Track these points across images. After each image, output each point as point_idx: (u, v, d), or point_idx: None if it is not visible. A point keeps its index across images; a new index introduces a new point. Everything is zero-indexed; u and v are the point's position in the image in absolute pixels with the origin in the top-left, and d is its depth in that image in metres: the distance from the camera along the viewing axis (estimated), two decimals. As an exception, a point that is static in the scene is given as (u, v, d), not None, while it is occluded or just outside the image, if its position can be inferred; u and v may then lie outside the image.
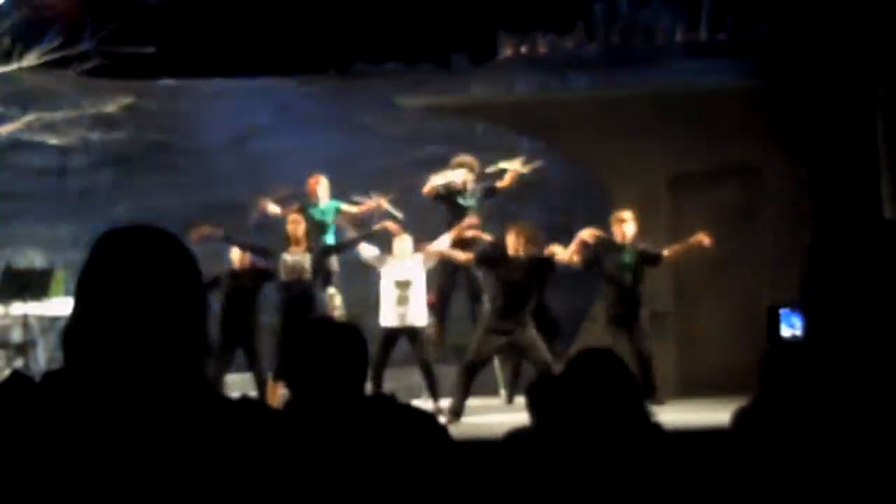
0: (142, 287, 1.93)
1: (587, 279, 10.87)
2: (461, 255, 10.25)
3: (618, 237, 10.36)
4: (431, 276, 10.65)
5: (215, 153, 13.65)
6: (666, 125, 12.36)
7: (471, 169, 11.21)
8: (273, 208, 11.16)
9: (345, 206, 11.23)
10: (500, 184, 11.08)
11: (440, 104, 13.30)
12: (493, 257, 9.86)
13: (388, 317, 10.27)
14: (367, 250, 10.47)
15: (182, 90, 13.84)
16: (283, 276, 10.26)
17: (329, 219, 11.19)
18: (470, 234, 10.51)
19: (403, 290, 10.25)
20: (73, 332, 1.94)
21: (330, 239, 11.15)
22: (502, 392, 11.26)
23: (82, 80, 12.50)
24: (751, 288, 12.32)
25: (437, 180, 11.07)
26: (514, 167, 11.09)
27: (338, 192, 11.32)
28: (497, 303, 9.70)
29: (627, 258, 10.33)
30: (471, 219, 10.66)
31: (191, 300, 1.97)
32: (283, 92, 13.97)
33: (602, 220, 10.81)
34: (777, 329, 8.42)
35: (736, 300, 12.35)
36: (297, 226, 10.38)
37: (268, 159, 13.24)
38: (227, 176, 13.28)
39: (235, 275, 10.67)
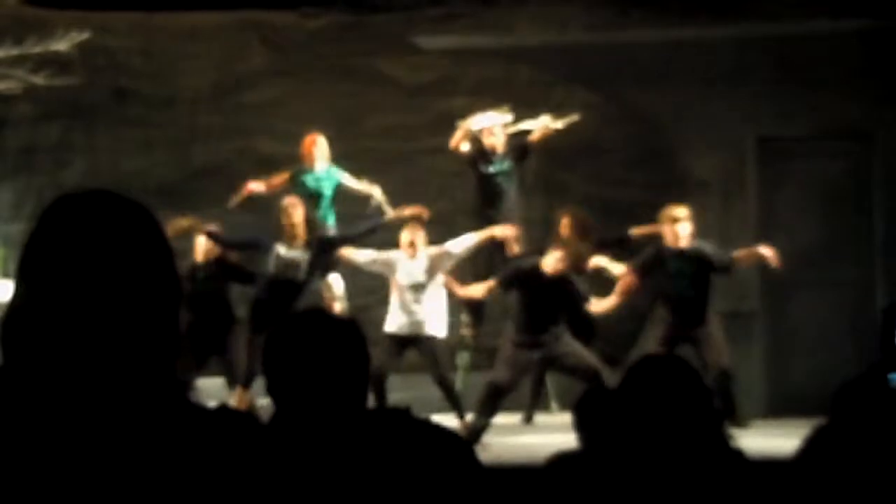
0: (100, 267, 1.92)
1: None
2: (474, 291, 10.44)
3: (669, 240, 10.21)
4: (466, 264, 10.73)
5: (193, 104, 13.66)
6: (754, 77, 12.30)
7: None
8: (256, 186, 11.15)
9: (346, 181, 11.24)
10: (531, 138, 11.17)
11: (473, 47, 13.26)
12: (518, 279, 9.96)
13: (394, 323, 10.37)
14: (362, 256, 10.56)
15: (152, 25, 13.84)
16: (272, 270, 10.30)
17: (326, 189, 11.19)
18: (505, 237, 10.85)
19: (417, 293, 10.35)
20: (13, 322, 1.94)
21: (328, 216, 11.15)
22: (553, 404, 11.32)
23: (25, 11, 12.51)
24: (859, 282, 12.27)
25: (463, 138, 11.20)
26: (542, 125, 11.17)
27: (345, 156, 11.33)
28: (520, 317, 9.91)
29: (684, 265, 10.16)
30: (509, 228, 10.85)
31: (160, 284, 1.96)
32: (278, 29, 13.96)
33: (668, 197, 10.77)
34: (893, 335, 8.35)
35: (840, 298, 12.30)
36: (293, 211, 10.37)
37: (258, 113, 13.25)
38: (208, 133, 13.30)
39: (197, 270, 10.64)
